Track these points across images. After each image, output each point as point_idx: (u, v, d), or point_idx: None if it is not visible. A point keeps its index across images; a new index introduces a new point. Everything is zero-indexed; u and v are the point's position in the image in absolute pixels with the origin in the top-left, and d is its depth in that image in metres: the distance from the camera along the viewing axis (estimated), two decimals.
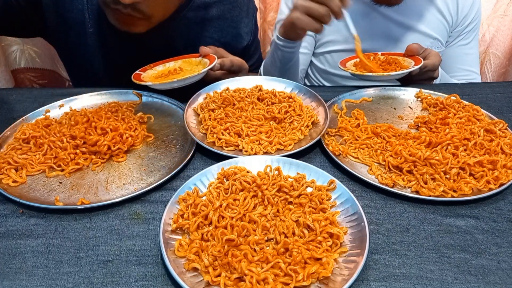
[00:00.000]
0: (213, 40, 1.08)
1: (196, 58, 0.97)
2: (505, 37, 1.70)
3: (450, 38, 1.19)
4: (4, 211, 0.64)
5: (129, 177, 0.71)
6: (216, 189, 0.66)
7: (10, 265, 0.55)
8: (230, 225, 0.59)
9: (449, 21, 1.15)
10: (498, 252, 0.59)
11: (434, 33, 1.14)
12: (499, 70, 1.82)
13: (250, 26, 1.15)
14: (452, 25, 1.16)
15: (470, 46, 1.20)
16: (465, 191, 0.67)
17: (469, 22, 1.16)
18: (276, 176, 0.68)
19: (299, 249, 0.55)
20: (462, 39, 1.19)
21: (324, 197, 0.65)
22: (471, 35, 1.19)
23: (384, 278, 0.55)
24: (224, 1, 1.07)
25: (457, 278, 0.55)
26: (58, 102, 0.88)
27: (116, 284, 0.53)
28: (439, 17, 1.13)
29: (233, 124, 0.80)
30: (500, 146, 0.75)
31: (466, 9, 1.14)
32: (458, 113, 0.85)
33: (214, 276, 0.52)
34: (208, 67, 0.88)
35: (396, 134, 0.81)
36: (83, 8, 0.96)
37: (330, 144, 0.77)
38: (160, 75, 0.94)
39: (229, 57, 0.99)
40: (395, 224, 0.63)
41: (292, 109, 0.85)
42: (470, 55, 1.21)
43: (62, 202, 0.64)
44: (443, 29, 1.15)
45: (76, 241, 0.59)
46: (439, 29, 1.15)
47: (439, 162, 0.70)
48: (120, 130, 0.76)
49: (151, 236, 0.60)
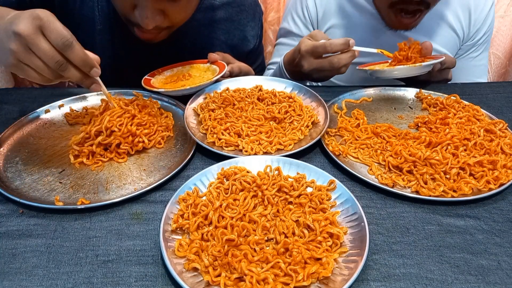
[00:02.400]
0: (220, 42, 1.09)
1: (204, 64, 0.98)
2: (506, 37, 1.70)
3: (460, 51, 1.18)
4: (4, 211, 0.64)
5: (129, 177, 0.71)
6: (216, 189, 0.66)
7: (10, 265, 0.55)
8: (230, 225, 0.59)
9: (460, 36, 1.14)
10: (498, 252, 0.59)
11: (444, 49, 1.13)
12: (499, 70, 1.82)
13: (256, 30, 1.15)
14: (463, 39, 1.15)
15: (480, 58, 1.20)
16: (465, 191, 0.67)
17: (481, 36, 1.15)
18: (276, 176, 0.68)
19: (299, 249, 0.55)
20: (472, 52, 1.19)
21: (324, 197, 0.64)
22: (482, 47, 1.18)
23: (384, 278, 0.55)
24: (232, 4, 1.08)
25: (457, 278, 0.55)
26: (58, 102, 0.88)
27: (116, 284, 0.53)
28: (450, 32, 1.12)
29: (233, 124, 0.80)
30: (500, 146, 0.75)
31: (479, 24, 1.13)
32: (458, 113, 0.85)
33: (214, 276, 0.52)
34: (220, 74, 0.90)
35: (396, 134, 0.81)
36: (93, 5, 0.96)
37: (330, 144, 0.77)
38: (169, 81, 0.95)
39: (236, 63, 1.00)
40: (395, 224, 0.63)
41: (292, 109, 0.85)
42: (478, 67, 1.21)
43: (62, 202, 0.64)
44: (453, 44, 1.15)
45: (76, 241, 0.59)
46: (450, 44, 1.14)
47: (439, 162, 0.70)
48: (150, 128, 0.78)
49: (151, 236, 0.60)
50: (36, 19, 0.61)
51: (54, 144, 0.78)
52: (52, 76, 0.65)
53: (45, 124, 0.83)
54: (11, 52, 0.62)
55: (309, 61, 0.93)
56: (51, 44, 0.61)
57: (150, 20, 0.81)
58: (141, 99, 0.86)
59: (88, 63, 0.65)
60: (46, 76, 0.65)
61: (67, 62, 0.64)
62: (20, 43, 0.61)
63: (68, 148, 0.76)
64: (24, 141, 0.78)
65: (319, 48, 0.90)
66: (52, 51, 0.62)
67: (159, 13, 0.82)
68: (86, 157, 0.74)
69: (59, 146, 0.78)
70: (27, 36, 0.60)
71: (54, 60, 0.62)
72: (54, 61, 0.62)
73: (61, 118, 0.85)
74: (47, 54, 0.62)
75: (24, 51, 0.62)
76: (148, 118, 0.80)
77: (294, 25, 1.19)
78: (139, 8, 0.81)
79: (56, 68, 0.63)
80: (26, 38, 0.60)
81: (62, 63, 0.63)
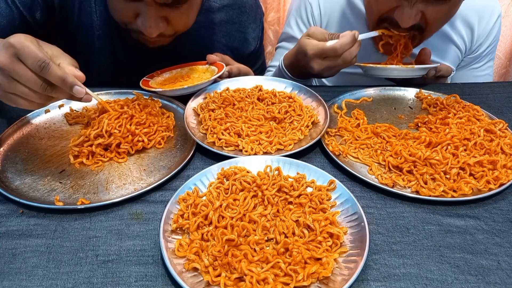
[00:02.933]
0: (221, 45, 1.08)
1: (203, 65, 0.98)
2: (506, 37, 1.71)
3: (462, 63, 1.18)
4: (4, 211, 0.64)
5: (129, 177, 0.71)
6: (216, 189, 0.66)
7: (10, 265, 0.55)
8: (230, 225, 0.59)
9: (462, 50, 1.14)
10: (498, 252, 0.59)
11: (446, 62, 1.12)
12: (500, 70, 1.82)
13: (257, 32, 1.15)
14: (465, 52, 1.15)
15: (483, 68, 1.20)
16: (465, 191, 0.67)
17: (484, 48, 1.15)
18: (276, 176, 0.68)
19: (299, 249, 0.55)
20: (475, 63, 1.18)
21: (324, 197, 0.64)
22: (485, 58, 1.18)
23: (384, 278, 0.55)
24: (233, 6, 1.07)
25: (457, 278, 0.55)
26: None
27: (116, 284, 0.53)
28: (452, 47, 1.12)
29: (233, 124, 0.80)
30: (500, 146, 0.75)
31: (482, 38, 1.13)
32: (458, 113, 0.85)
33: (214, 276, 0.52)
34: (218, 74, 0.90)
35: (396, 134, 0.81)
36: (91, 11, 0.96)
37: (330, 144, 0.77)
38: (168, 82, 0.95)
39: (235, 64, 1.00)
40: (395, 224, 0.63)
41: (292, 109, 0.85)
42: (481, 77, 1.21)
43: (62, 202, 0.64)
44: (455, 58, 1.15)
45: (76, 241, 0.59)
46: (452, 59, 1.14)
47: (439, 162, 0.70)
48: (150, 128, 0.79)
49: (151, 236, 0.60)
50: (9, 48, 0.61)
51: (54, 144, 0.78)
52: (41, 100, 0.66)
53: (45, 124, 0.83)
54: None
55: (318, 62, 0.91)
56: (30, 69, 0.61)
57: (154, 28, 0.82)
58: (142, 99, 0.86)
59: (67, 82, 0.64)
60: (35, 101, 0.65)
61: (50, 83, 0.64)
62: (1, 74, 0.61)
63: (68, 148, 0.76)
64: (24, 141, 0.78)
65: (329, 52, 0.88)
66: (33, 76, 0.62)
67: (162, 21, 0.83)
68: (86, 157, 0.74)
69: (59, 146, 0.78)
70: (5, 66, 0.61)
71: (38, 84, 0.63)
72: (38, 85, 0.63)
73: (61, 118, 0.85)
74: (30, 79, 0.62)
75: (7, 82, 0.62)
76: (148, 118, 0.80)
77: (298, 31, 1.18)
78: (141, 17, 0.81)
79: (42, 91, 0.64)
80: (4, 69, 0.61)
81: (46, 86, 0.63)
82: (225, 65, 0.93)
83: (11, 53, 0.61)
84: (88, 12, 0.96)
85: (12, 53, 0.61)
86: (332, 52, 0.88)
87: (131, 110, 0.79)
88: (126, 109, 0.79)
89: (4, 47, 0.61)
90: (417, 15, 0.88)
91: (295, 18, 1.18)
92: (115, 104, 0.81)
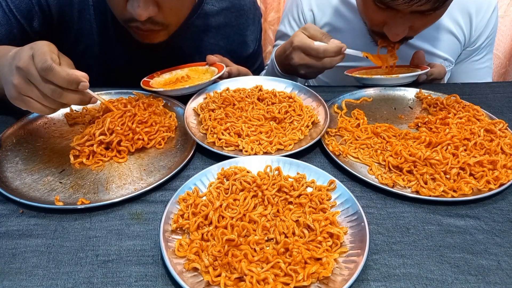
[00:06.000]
0: (219, 48, 1.08)
1: (202, 66, 0.98)
2: (505, 37, 1.71)
3: (462, 56, 1.18)
4: (4, 211, 0.64)
5: (129, 177, 0.71)
6: (216, 189, 0.66)
7: (10, 265, 0.55)
8: (230, 225, 0.59)
9: (461, 41, 1.14)
10: (498, 252, 0.59)
11: (445, 54, 1.13)
12: (499, 70, 1.82)
13: (256, 34, 1.15)
14: (465, 44, 1.15)
15: (483, 61, 1.20)
16: (465, 191, 0.67)
17: (483, 40, 1.15)
18: (276, 176, 0.68)
19: (299, 249, 0.55)
20: (474, 56, 1.18)
21: (324, 197, 0.65)
22: (484, 50, 1.18)
23: (384, 278, 0.55)
24: (231, 9, 1.07)
25: (457, 278, 0.55)
26: None
27: (116, 284, 0.53)
28: (451, 38, 1.12)
29: (233, 124, 0.80)
30: (500, 146, 0.76)
31: (480, 29, 1.12)
32: (458, 113, 0.85)
33: (214, 276, 0.52)
34: (218, 74, 0.90)
35: (396, 134, 0.81)
36: (90, 18, 0.96)
37: (330, 144, 0.77)
38: (168, 82, 0.95)
39: (235, 66, 1.00)
40: (395, 224, 0.63)
41: (292, 109, 0.85)
42: (482, 69, 1.21)
43: (62, 202, 0.64)
44: (454, 49, 1.14)
45: (76, 241, 0.59)
46: (451, 50, 1.14)
47: (439, 162, 0.70)
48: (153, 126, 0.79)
49: (151, 236, 0.60)
50: (29, 50, 0.63)
51: (54, 144, 0.78)
52: (52, 105, 0.67)
53: (45, 124, 0.83)
54: (13, 86, 0.64)
55: (300, 56, 0.94)
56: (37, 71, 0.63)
57: (143, 9, 0.79)
58: (146, 98, 0.86)
59: (72, 80, 0.64)
60: (47, 105, 0.67)
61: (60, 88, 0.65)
62: (20, 76, 0.64)
63: (68, 148, 0.76)
64: (24, 141, 0.78)
65: (312, 51, 0.92)
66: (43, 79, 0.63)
67: (152, 3, 0.82)
68: (86, 157, 0.74)
69: (59, 146, 0.78)
70: (24, 67, 0.63)
71: (48, 88, 0.64)
72: (48, 88, 0.64)
73: (61, 118, 0.85)
74: (40, 82, 0.63)
75: (24, 83, 0.64)
76: (152, 117, 0.80)
77: (290, 29, 1.19)
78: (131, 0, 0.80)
79: (52, 95, 0.65)
80: (23, 70, 0.63)
81: (55, 90, 0.64)
82: (225, 66, 0.93)
83: (29, 55, 0.63)
84: (88, 20, 0.96)
85: (29, 55, 0.63)
86: (314, 52, 0.92)
87: (135, 108, 0.80)
88: (129, 107, 0.79)
89: (26, 49, 0.64)
90: (405, 30, 0.91)
91: (288, 16, 1.20)
92: (119, 103, 0.81)
